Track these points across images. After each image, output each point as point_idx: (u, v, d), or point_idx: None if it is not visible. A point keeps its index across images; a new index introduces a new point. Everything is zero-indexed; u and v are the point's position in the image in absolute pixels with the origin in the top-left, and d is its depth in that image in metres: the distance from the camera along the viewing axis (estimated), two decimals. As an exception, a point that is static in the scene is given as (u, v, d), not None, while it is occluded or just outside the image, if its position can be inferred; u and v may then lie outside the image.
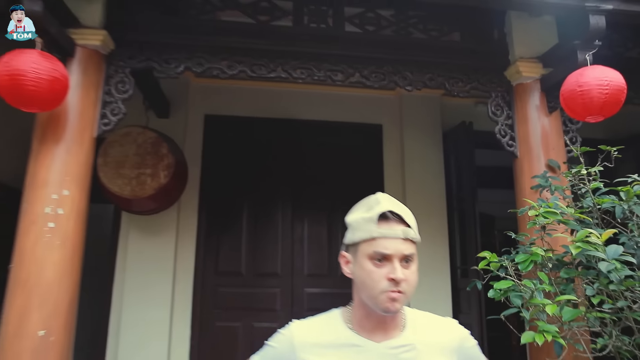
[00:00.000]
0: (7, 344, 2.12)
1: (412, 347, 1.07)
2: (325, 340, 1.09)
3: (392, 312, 1.02)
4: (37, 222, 2.24)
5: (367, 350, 1.05)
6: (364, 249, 1.04)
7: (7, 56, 2.04)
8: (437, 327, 1.14)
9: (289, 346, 1.11)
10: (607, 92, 2.21)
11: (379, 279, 1.01)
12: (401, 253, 1.02)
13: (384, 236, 1.02)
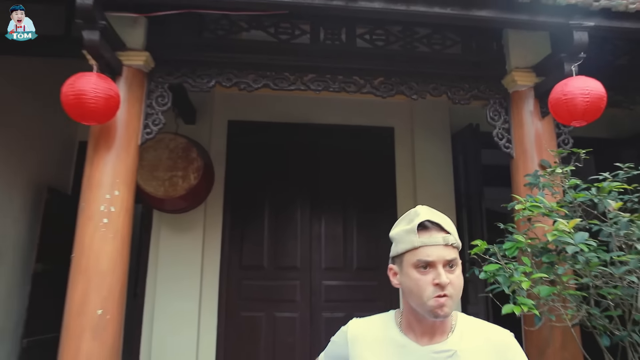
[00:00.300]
0: (71, 321, 2.54)
1: (453, 352, 1.10)
2: (375, 336, 1.18)
3: (442, 316, 1.07)
4: (93, 218, 2.65)
5: (410, 352, 1.12)
6: (408, 259, 1.11)
7: (71, 79, 2.46)
8: (485, 334, 1.15)
9: (344, 340, 1.23)
10: (588, 100, 2.53)
11: (425, 286, 1.07)
12: (443, 259, 1.08)
13: (425, 244, 1.09)
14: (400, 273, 1.15)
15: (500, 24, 2.89)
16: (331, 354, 1.29)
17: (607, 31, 2.71)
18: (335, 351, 1.27)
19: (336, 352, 1.26)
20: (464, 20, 2.69)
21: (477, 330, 1.15)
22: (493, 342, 1.12)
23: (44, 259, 4.08)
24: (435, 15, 2.61)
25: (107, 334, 2.56)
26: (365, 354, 1.16)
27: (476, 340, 1.13)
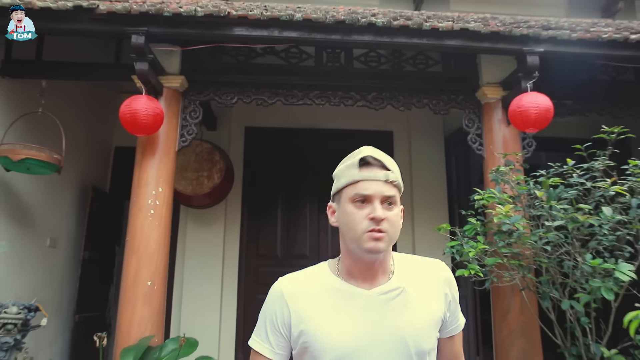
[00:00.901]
0: (127, 290, 3.30)
1: (401, 290, 1.10)
2: (314, 289, 1.12)
3: (376, 252, 1.05)
4: (142, 209, 3.41)
5: (357, 297, 1.09)
6: (347, 193, 1.09)
7: (127, 101, 3.22)
8: (425, 269, 1.17)
9: (280, 299, 1.13)
10: (537, 112, 3.21)
11: (360, 219, 1.05)
12: (382, 194, 1.06)
13: (365, 179, 1.07)
14: (338, 210, 1.14)
15: (467, 50, 3.59)
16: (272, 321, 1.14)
17: (555, 55, 3.38)
18: (275, 315, 1.13)
19: (276, 317, 1.12)
20: (437, 48, 3.41)
21: (416, 266, 1.18)
22: (436, 275, 1.16)
23: (89, 247, 4.88)
24: (414, 44, 3.33)
25: (155, 301, 3.33)
26: (308, 307, 1.10)
27: (419, 274, 1.15)
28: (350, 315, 1.08)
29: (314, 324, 1.08)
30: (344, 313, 1.08)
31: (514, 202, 3.02)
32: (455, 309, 1.19)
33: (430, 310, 1.12)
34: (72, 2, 3.09)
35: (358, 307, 1.08)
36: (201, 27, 3.23)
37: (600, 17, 6.25)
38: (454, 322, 1.21)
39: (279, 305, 1.13)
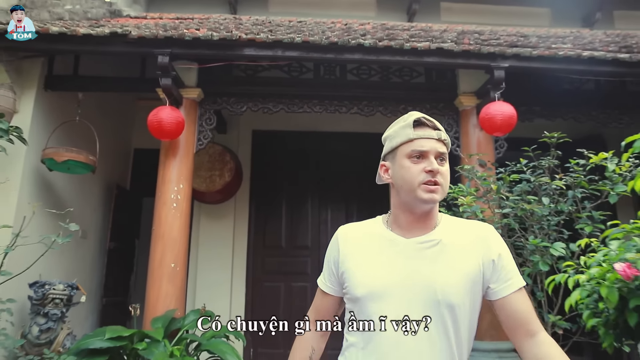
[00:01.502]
0: (154, 271, 3.95)
1: (437, 242, 1.18)
2: (362, 235, 1.26)
3: (432, 202, 1.14)
4: (167, 203, 4.06)
5: (396, 244, 1.19)
6: (403, 150, 1.19)
7: (154, 111, 3.87)
8: (467, 228, 1.24)
9: (335, 242, 1.31)
10: (502, 118, 3.83)
11: (417, 172, 1.14)
12: (436, 150, 1.16)
13: (420, 137, 1.16)
14: (392, 167, 1.23)
15: (443, 66, 4.21)
16: (328, 261, 1.33)
17: (519, 69, 3.99)
18: (330, 255, 1.32)
19: (331, 257, 1.31)
20: (417, 64, 4.04)
21: (460, 224, 1.26)
22: (475, 233, 1.22)
23: (114, 238, 5.55)
24: (397, 61, 3.95)
25: (177, 280, 3.98)
26: (354, 250, 1.25)
27: (459, 231, 1.22)
28: (386, 259, 1.19)
29: (353, 263, 1.23)
30: (381, 256, 1.20)
31: (482, 195, 3.63)
32: (503, 267, 1.19)
33: (463, 266, 1.16)
34: (109, 29, 3.76)
35: (395, 252, 1.19)
36: (216, 48, 3.88)
37: (581, 26, 6.86)
38: (504, 280, 1.18)
39: (334, 247, 1.31)
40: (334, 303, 1.33)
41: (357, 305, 1.20)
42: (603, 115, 4.52)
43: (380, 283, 1.16)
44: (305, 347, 1.34)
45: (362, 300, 1.17)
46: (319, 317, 1.36)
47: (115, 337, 3.10)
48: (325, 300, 1.34)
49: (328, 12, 6.69)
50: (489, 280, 1.18)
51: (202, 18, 5.83)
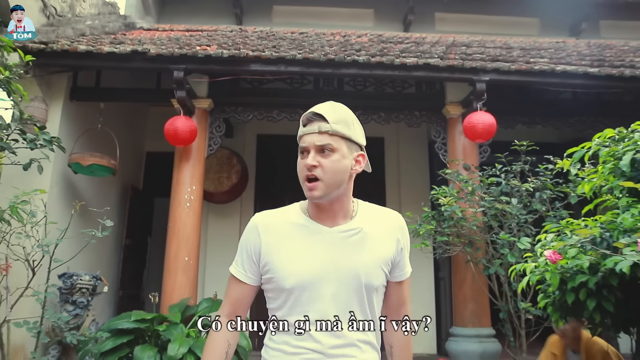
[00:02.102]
0: (170, 264, 4.46)
1: (359, 230, 1.24)
2: (285, 224, 1.26)
3: (313, 198, 1.19)
4: (181, 203, 4.56)
5: (320, 233, 1.23)
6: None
7: (170, 120, 4.37)
8: (382, 216, 1.32)
9: (254, 231, 1.28)
10: (482, 127, 4.31)
11: (302, 169, 1.21)
12: (314, 144, 1.19)
13: (304, 133, 1.23)
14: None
15: (430, 79, 4.70)
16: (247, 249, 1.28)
17: (500, 82, 4.47)
18: (250, 244, 1.28)
19: (250, 246, 1.27)
20: (407, 77, 4.55)
21: (376, 212, 1.32)
22: (391, 222, 1.30)
23: (129, 236, 6.06)
24: (388, 75, 4.45)
25: (191, 272, 4.48)
26: (278, 240, 1.24)
27: (377, 220, 1.29)
28: (311, 249, 1.22)
29: (278, 254, 1.23)
30: (306, 246, 1.23)
31: (463, 196, 4.12)
32: (404, 256, 1.32)
33: (382, 251, 1.25)
34: (131, 47, 4.26)
35: (319, 242, 1.23)
36: (226, 64, 4.38)
37: (568, 36, 7.34)
38: (403, 268, 1.32)
39: (253, 235, 1.27)
40: (252, 292, 1.31)
41: (283, 295, 1.22)
42: (579, 122, 4.99)
43: (310, 274, 1.20)
44: (222, 343, 1.30)
45: (291, 291, 1.20)
46: (235, 309, 1.32)
47: (140, 319, 3.61)
48: (242, 289, 1.30)
49: (329, 22, 7.19)
50: (395, 265, 1.30)
51: (210, 30, 6.34)
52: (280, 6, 7.38)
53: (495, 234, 3.89)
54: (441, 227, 3.88)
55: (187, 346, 3.41)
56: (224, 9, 7.24)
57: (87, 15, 5.60)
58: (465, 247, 3.90)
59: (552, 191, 3.67)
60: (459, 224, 3.79)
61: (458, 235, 3.92)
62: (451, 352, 4.40)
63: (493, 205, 3.64)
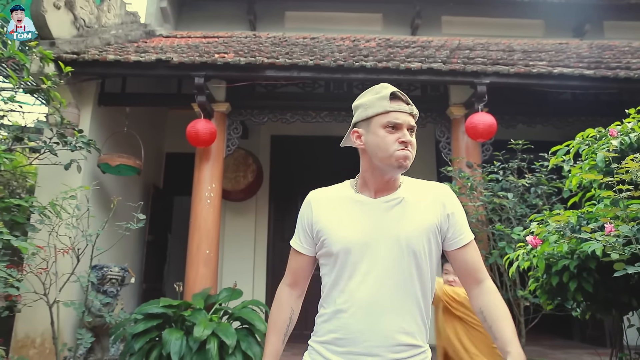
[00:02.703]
0: (192, 257, 4.83)
1: (401, 199, 1.35)
2: (333, 197, 1.42)
3: (404, 167, 1.29)
4: (201, 200, 4.94)
5: (364, 204, 1.36)
6: (378, 120, 1.32)
7: (192, 123, 4.75)
8: (426, 188, 1.41)
9: (308, 206, 1.45)
10: (483, 127, 4.61)
11: (392, 142, 1.29)
12: (408, 123, 1.32)
13: (395, 110, 1.31)
14: (366, 134, 1.36)
15: (434, 83, 5.01)
16: (302, 223, 1.44)
17: (500, 84, 4.77)
18: (304, 218, 1.44)
19: (304, 219, 1.43)
20: (412, 81, 4.86)
21: (421, 184, 1.42)
22: (433, 191, 1.39)
23: (151, 232, 6.46)
24: (394, 79, 4.75)
25: (211, 264, 4.85)
26: (327, 211, 1.39)
27: (419, 191, 1.39)
28: (357, 217, 1.35)
29: (328, 222, 1.37)
30: (352, 215, 1.36)
31: (464, 192, 4.43)
32: (456, 223, 1.37)
33: (423, 218, 1.33)
34: (155, 56, 4.65)
35: (364, 211, 1.35)
36: (242, 71, 4.74)
37: (572, 37, 7.59)
38: (457, 234, 1.37)
39: (307, 209, 1.44)
40: (309, 263, 1.46)
41: (332, 260, 1.35)
42: (578, 122, 5.26)
43: (354, 238, 1.32)
44: (286, 309, 1.46)
45: (338, 255, 1.33)
46: (295, 278, 1.49)
47: (167, 305, 3.99)
48: (300, 260, 1.46)
49: (338, 27, 7.54)
50: (446, 232, 1.36)
51: (226, 37, 6.72)
52: (292, 12, 7.74)
53: (494, 227, 4.20)
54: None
55: (211, 329, 3.78)
56: (238, 15, 7.62)
57: (112, 25, 6.01)
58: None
59: (547, 186, 3.97)
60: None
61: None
62: (455, 339, 4.72)
63: (491, 199, 3.95)
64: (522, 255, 2.95)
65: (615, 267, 2.12)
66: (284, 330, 1.44)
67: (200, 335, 3.68)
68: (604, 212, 2.42)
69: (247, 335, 4.03)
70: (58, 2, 4.67)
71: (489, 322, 1.32)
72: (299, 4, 7.61)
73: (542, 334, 6.53)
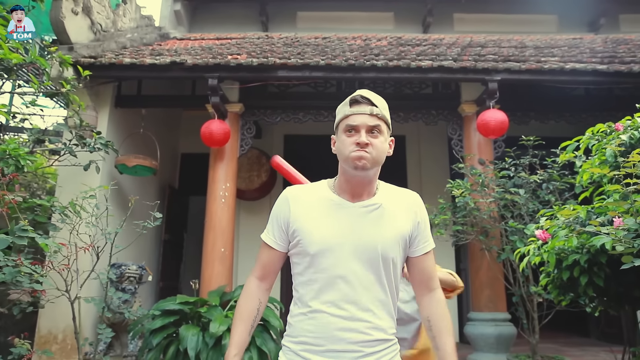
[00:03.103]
0: (208, 255, 4.94)
1: (378, 206, 1.38)
2: (312, 197, 1.42)
3: (361, 168, 1.32)
4: (216, 199, 5.04)
5: (343, 208, 1.38)
6: (341, 125, 1.38)
7: (206, 124, 4.84)
8: (401, 195, 1.46)
9: (285, 202, 1.43)
10: (494, 124, 4.63)
11: (349, 144, 1.33)
12: (366, 124, 1.33)
13: (353, 113, 1.35)
14: (337, 140, 1.41)
15: (445, 80, 5.04)
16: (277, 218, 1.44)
17: (511, 81, 4.77)
18: (280, 214, 1.43)
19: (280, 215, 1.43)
20: (423, 79, 4.91)
21: (395, 191, 1.47)
22: (407, 199, 1.44)
23: (167, 231, 6.59)
24: (405, 77, 4.82)
25: (227, 262, 4.95)
26: (306, 211, 1.39)
27: (395, 197, 1.43)
28: (335, 220, 1.37)
29: (306, 223, 1.38)
30: (330, 217, 1.38)
31: (476, 189, 4.46)
32: (423, 230, 1.44)
33: (398, 226, 1.39)
34: (169, 58, 4.76)
35: (342, 214, 1.38)
36: (255, 71, 4.82)
37: (587, 31, 7.53)
38: (423, 241, 1.44)
39: (284, 206, 1.43)
40: (280, 258, 1.48)
41: (307, 260, 1.38)
42: (591, 117, 5.23)
43: (331, 241, 1.35)
44: (254, 301, 1.48)
45: (315, 256, 1.35)
46: (265, 272, 1.50)
47: (184, 302, 4.09)
48: (271, 254, 1.48)
49: (350, 26, 7.59)
50: (414, 239, 1.42)
51: (239, 38, 6.82)
52: (304, 12, 7.82)
53: (506, 223, 4.22)
54: (455, 217, 4.24)
55: (227, 325, 3.87)
56: (250, 17, 7.73)
57: (127, 29, 6.15)
58: (479, 235, 4.24)
59: (560, 182, 3.98)
60: (472, 214, 4.13)
61: (472, 225, 4.27)
62: (469, 336, 4.74)
63: (503, 196, 3.97)
64: (532, 250, 2.98)
65: (623, 260, 2.14)
66: (251, 321, 1.46)
67: (216, 331, 3.77)
68: (614, 206, 2.44)
69: (262, 331, 4.10)
70: (76, 7, 4.81)
71: (434, 332, 1.42)
72: (311, 4, 7.68)
73: (558, 332, 6.51)
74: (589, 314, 3.91)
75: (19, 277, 2.72)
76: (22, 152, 3.31)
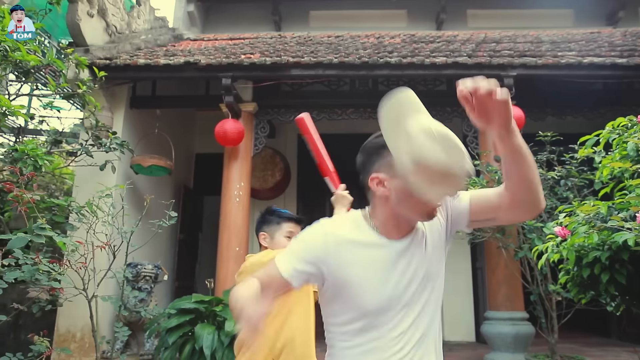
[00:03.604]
0: (222, 254, 4.95)
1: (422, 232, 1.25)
2: (354, 241, 1.22)
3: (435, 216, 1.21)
4: (231, 198, 5.05)
5: (393, 249, 1.22)
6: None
7: (220, 123, 4.86)
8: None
9: (324, 243, 1.21)
10: (511, 120, 4.55)
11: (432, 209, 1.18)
12: None
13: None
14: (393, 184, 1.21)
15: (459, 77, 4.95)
16: (309, 255, 1.21)
17: (527, 76, 4.70)
18: (316, 253, 1.21)
19: (317, 255, 1.21)
20: (437, 76, 4.85)
21: None
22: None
23: (183, 231, 6.63)
24: (419, 74, 4.77)
25: (241, 261, 4.92)
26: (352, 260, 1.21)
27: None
28: (387, 268, 1.21)
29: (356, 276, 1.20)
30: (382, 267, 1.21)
31: (492, 186, 4.39)
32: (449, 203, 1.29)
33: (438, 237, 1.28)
34: (183, 59, 4.78)
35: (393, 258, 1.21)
36: (268, 70, 4.83)
37: (605, 25, 7.40)
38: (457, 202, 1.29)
39: (321, 247, 1.21)
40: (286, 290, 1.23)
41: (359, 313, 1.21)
42: (610, 112, 5.11)
43: (388, 296, 1.20)
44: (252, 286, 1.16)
45: (371, 313, 1.20)
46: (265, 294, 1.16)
47: (199, 301, 4.10)
48: (281, 285, 1.20)
49: (363, 24, 7.56)
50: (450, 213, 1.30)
51: (252, 38, 6.84)
52: (317, 11, 7.81)
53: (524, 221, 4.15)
54: (471, 215, 4.19)
55: (242, 324, 3.87)
56: (263, 17, 7.74)
57: (142, 31, 6.20)
58: (495, 233, 4.18)
59: (578, 178, 3.90)
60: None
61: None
62: (486, 335, 4.68)
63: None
64: (551, 247, 2.92)
65: (646, 256, 2.08)
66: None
67: (232, 330, 3.77)
68: (636, 201, 2.38)
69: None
70: (91, 10, 4.86)
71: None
72: (324, 3, 7.67)
73: (578, 331, 6.40)
74: (610, 313, 3.82)
75: (38, 275, 2.75)
76: (40, 152, 3.35)
